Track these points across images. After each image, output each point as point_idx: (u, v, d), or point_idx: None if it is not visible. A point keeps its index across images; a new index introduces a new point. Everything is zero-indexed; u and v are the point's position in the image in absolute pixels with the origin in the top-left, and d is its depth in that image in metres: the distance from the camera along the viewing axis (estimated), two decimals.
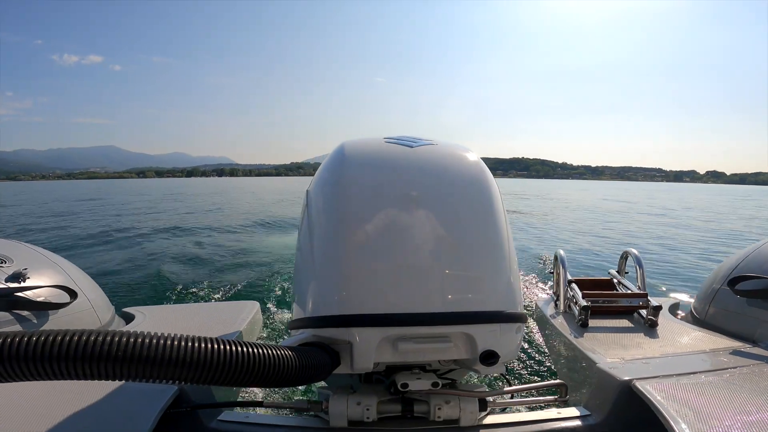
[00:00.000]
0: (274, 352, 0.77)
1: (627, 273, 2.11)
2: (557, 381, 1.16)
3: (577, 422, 1.08)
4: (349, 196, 0.94)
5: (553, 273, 2.07)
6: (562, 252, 2.00)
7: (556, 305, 1.90)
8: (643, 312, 1.65)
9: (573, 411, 1.12)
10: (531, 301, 2.51)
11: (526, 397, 1.18)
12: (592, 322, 1.58)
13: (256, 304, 1.94)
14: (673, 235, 11.87)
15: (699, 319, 1.66)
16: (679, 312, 1.87)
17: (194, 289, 5.44)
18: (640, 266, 1.86)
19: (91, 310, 1.59)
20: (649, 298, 1.69)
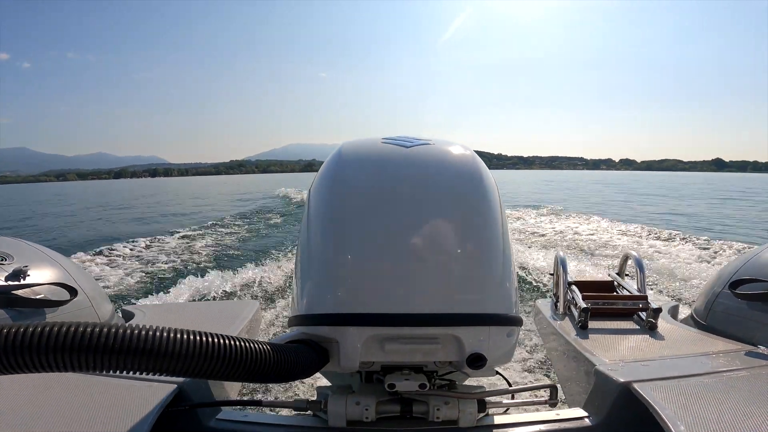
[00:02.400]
0: (256, 346, 0.77)
1: (627, 275, 2.17)
2: (548, 383, 1.15)
3: (576, 424, 1.08)
4: (342, 196, 0.96)
5: (553, 275, 2.07)
6: (562, 253, 2.02)
7: (555, 307, 1.92)
8: (643, 314, 1.65)
9: (572, 412, 1.13)
10: (531, 303, 2.69)
11: (519, 399, 1.18)
12: (591, 324, 1.58)
13: (256, 303, 2.01)
14: None
15: (699, 322, 1.67)
16: (680, 314, 1.94)
17: (196, 288, 5.44)
18: (641, 268, 1.89)
19: (90, 308, 1.60)
20: (649, 300, 1.69)
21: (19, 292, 1.38)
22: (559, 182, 53.28)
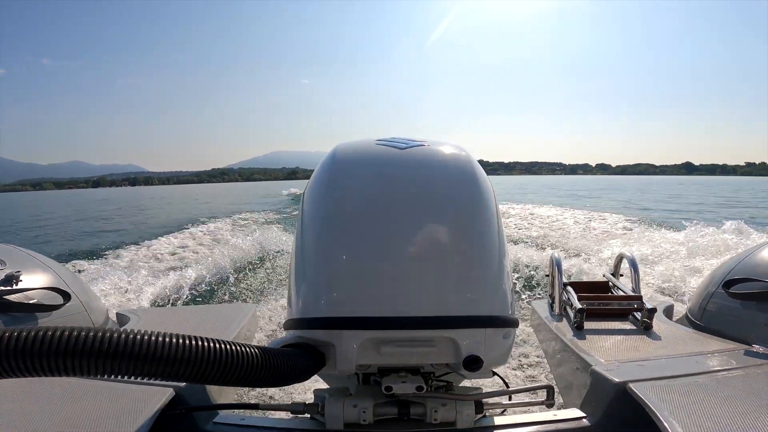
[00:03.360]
0: (252, 351, 0.77)
1: (622, 275, 2.18)
2: (545, 384, 1.15)
3: (573, 424, 1.08)
4: (336, 199, 0.95)
5: (548, 276, 2.06)
6: (557, 254, 2.04)
7: (551, 308, 1.91)
8: (638, 314, 1.64)
9: (568, 413, 1.12)
10: (527, 304, 2.75)
11: (516, 399, 1.17)
12: (587, 325, 1.58)
13: (253, 307, 2.02)
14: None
15: (694, 322, 1.68)
16: (674, 314, 1.92)
17: (192, 291, 5.35)
18: (635, 269, 1.92)
19: (84, 313, 1.60)
20: (643, 300, 1.70)
21: (12, 297, 1.38)
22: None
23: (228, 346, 0.74)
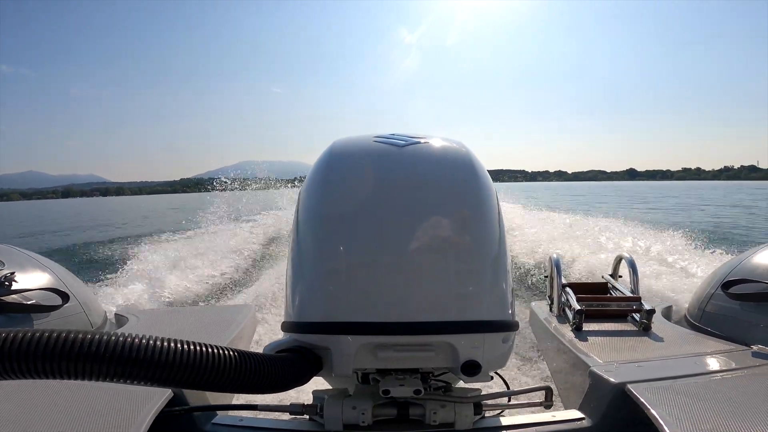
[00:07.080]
0: (249, 357, 0.75)
1: (620, 276, 2.16)
2: (544, 385, 1.14)
3: (572, 425, 1.07)
4: (331, 200, 0.92)
5: (548, 277, 2.04)
6: (556, 256, 2.01)
7: (550, 309, 1.91)
8: (637, 315, 1.63)
9: (567, 414, 1.11)
10: (526, 306, 2.65)
11: (515, 401, 1.16)
12: (586, 326, 1.57)
13: (252, 308, 2.02)
14: None
15: (693, 323, 1.67)
16: (673, 315, 1.93)
17: (191, 292, 5.33)
18: (634, 270, 1.91)
19: (82, 314, 1.59)
20: (642, 301, 1.68)
21: (10, 298, 1.37)
22: None
23: (225, 352, 0.72)
